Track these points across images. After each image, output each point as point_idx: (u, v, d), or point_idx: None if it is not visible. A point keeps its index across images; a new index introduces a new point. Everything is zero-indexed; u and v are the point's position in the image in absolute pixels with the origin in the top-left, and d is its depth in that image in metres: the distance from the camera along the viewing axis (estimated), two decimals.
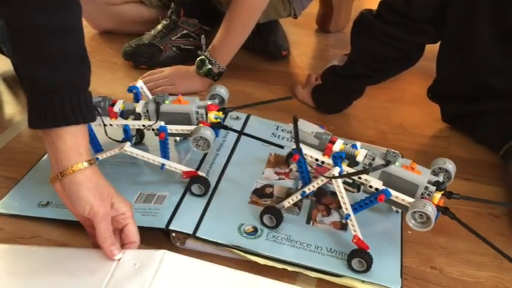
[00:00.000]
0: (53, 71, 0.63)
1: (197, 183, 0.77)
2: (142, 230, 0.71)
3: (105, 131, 0.79)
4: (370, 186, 0.67)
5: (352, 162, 0.70)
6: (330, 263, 0.70)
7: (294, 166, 0.81)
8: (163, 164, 0.77)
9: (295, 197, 0.73)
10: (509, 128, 0.88)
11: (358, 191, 0.79)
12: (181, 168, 0.78)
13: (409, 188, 0.66)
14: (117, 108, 0.79)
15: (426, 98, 1.09)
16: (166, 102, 0.77)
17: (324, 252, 0.71)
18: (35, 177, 0.84)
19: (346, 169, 0.69)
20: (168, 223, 0.72)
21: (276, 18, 1.22)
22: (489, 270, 0.72)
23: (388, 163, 0.66)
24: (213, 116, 0.77)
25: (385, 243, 0.73)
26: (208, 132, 0.74)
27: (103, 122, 0.78)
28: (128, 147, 0.78)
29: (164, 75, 1.07)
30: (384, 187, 0.67)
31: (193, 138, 0.74)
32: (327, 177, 0.69)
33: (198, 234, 0.71)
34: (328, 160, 0.70)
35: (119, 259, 0.64)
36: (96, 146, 0.82)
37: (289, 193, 0.81)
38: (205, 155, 0.86)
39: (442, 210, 0.64)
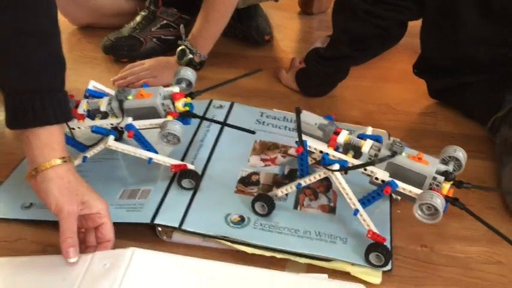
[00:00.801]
0: (24, 72, 0.63)
1: (187, 178, 0.75)
2: (128, 226, 0.71)
3: (72, 134, 0.76)
4: (376, 178, 0.66)
5: (358, 154, 0.68)
6: (319, 247, 0.69)
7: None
8: (150, 158, 0.75)
9: (290, 188, 0.71)
10: (494, 99, 0.87)
11: (346, 173, 0.78)
12: (169, 161, 0.76)
13: (416, 179, 0.64)
14: (81, 109, 0.76)
15: (412, 75, 1.07)
16: (129, 97, 0.74)
17: (312, 237, 0.70)
18: (17, 179, 0.82)
19: (351, 160, 0.67)
20: (154, 217, 0.71)
21: (256, 3, 1.20)
22: (480, 245, 0.71)
23: (394, 154, 0.64)
24: (180, 104, 0.74)
25: (374, 223, 0.72)
26: (176, 127, 0.71)
27: (68, 126, 0.75)
28: (111, 142, 0.75)
29: (145, 68, 1.05)
30: (390, 179, 0.65)
31: (161, 135, 0.72)
32: (330, 169, 0.66)
33: (184, 227, 0.70)
34: (333, 152, 0.68)
35: (90, 261, 0.62)
36: (79, 146, 0.80)
37: (275, 180, 0.80)
38: (189, 146, 0.85)
39: (451, 201, 0.62)
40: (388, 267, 0.67)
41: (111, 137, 0.75)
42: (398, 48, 0.99)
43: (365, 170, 0.66)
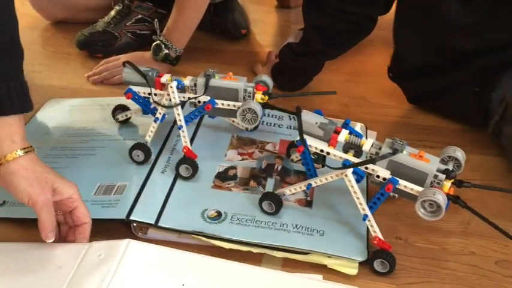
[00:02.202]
0: None
1: (186, 165, 0.77)
2: (103, 222, 0.70)
3: (152, 99, 0.80)
4: (378, 176, 0.65)
5: (358, 152, 0.68)
6: (296, 240, 0.69)
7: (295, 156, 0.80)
8: (181, 126, 0.78)
9: (299, 187, 0.71)
10: (478, 100, 0.86)
11: (323, 166, 0.78)
12: (187, 141, 0.78)
13: (418, 177, 0.64)
14: (164, 79, 0.79)
15: (385, 68, 1.08)
16: (216, 77, 0.77)
17: (289, 229, 0.70)
18: None
19: (353, 159, 0.67)
20: (129, 214, 0.70)
21: None
22: (454, 237, 0.72)
23: (395, 152, 0.64)
24: (259, 96, 0.76)
25: (351, 216, 0.72)
26: (257, 106, 0.74)
27: (151, 91, 0.79)
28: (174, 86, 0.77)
29: (120, 63, 1.04)
30: (391, 176, 0.65)
31: (241, 109, 0.74)
32: (335, 168, 0.67)
33: (160, 223, 0.70)
34: (334, 151, 0.68)
35: (86, 251, 0.64)
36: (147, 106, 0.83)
37: (252, 173, 0.80)
38: (165, 142, 0.84)
39: (452, 199, 0.62)
40: (364, 258, 0.67)
41: (175, 82, 0.77)
42: (372, 42, 1.00)
43: (366, 168, 0.66)
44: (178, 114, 0.78)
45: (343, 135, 0.68)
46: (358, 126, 0.71)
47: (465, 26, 0.83)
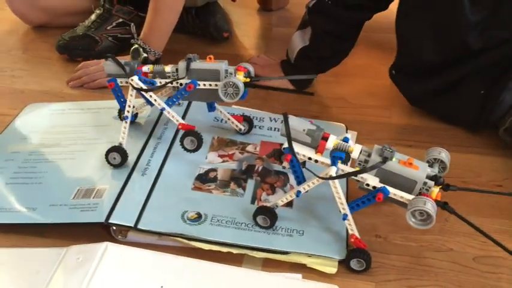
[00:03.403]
0: None
1: (190, 136, 0.78)
2: (82, 226, 0.70)
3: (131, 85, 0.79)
4: (367, 185, 0.65)
5: (347, 159, 0.67)
6: (276, 241, 0.69)
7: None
8: (163, 108, 0.79)
9: (289, 196, 0.70)
10: (487, 99, 0.86)
11: (303, 167, 0.79)
12: (178, 119, 0.79)
13: (407, 184, 0.64)
14: (146, 68, 0.80)
15: (367, 69, 1.10)
16: (197, 61, 0.80)
17: (269, 231, 0.71)
18: None
19: (342, 167, 0.66)
20: (108, 217, 0.70)
21: (214, 0, 1.19)
22: (432, 234, 0.73)
23: (385, 160, 0.63)
24: (241, 76, 0.77)
25: (331, 215, 0.73)
26: (239, 82, 0.75)
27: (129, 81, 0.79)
28: (136, 79, 0.78)
29: (100, 67, 1.04)
30: (382, 185, 0.64)
31: (223, 84, 0.75)
32: (323, 178, 0.65)
33: (139, 226, 0.70)
34: (322, 158, 0.67)
35: (64, 255, 0.63)
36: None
37: (233, 175, 0.80)
38: (146, 143, 0.84)
39: (441, 205, 0.63)
40: (343, 256, 0.68)
41: (136, 76, 0.78)
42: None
43: (355, 176, 0.65)
44: (155, 100, 0.79)
45: (332, 142, 0.67)
46: (353, 136, 0.71)
47: (474, 23, 0.82)
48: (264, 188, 0.78)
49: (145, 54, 1.02)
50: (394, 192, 0.64)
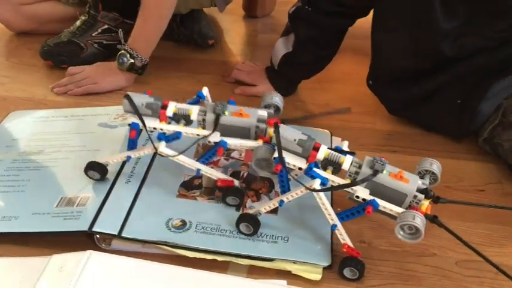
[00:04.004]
0: None
1: (231, 196, 0.75)
2: (66, 234, 0.70)
3: (149, 135, 0.73)
4: (357, 197, 0.64)
5: (337, 169, 0.67)
6: (261, 248, 0.69)
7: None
8: (199, 170, 0.75)
9: (272, 204, 0.70)
10: (464, 108, 0.87)
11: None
12: (217, 175, 0.76)
13: (397, 197, 0.64)
14: (170, 112, 0.73)
15: (351, 75, 1.10)
16: (226, 113, 0.71)
17: (254, 238, 0.71)
18: None
19: (332, 177, 0.66)
20: (91, 225, 0.70)
21: (198, 8, 1.20)
22: None
23: (376, 173, 0.63)
24: (272, 130, 0.71)
25: (316, 222, 0.73)
26: (269, 152, 0.68)
27: (157, 126, 0.73)
28: (164, 149, 0.72)
29: (85, 75, 1.03)
30: (372, 197, 0.64)
31: (255, 160, 0.69)
32: (308, 189, 0.65)
33: (123, 234, 0.69)
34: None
35: (47, 264, 0.63)
36: (133, 145, 0.77)
37: None
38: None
39: (430, 218, 0.63)
40: (328, 263, 0.68)
41: (163, 143, 0.72)
42: (338, 49, 1.01)
43: (346, 188, 0.65)
44: (189, 164, 0.74)
45: (322, 153, 0.67)
46: (345, 145, 0.72)
47: (447, 33, 0.83)
48: (249, 195, 0.78)
49: (132, 60, 1.02)
50: (383, 205, 0.64)
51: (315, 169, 0.67)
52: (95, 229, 0.69)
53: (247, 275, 0.68)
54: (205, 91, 0.79)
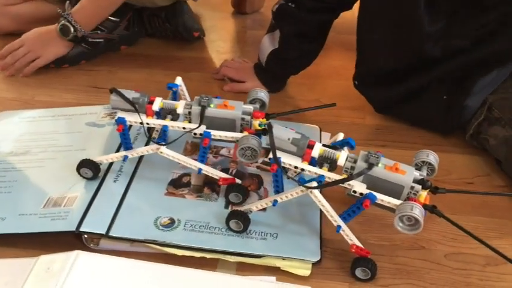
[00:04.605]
0: None
1: (234, 192, 0.74)
2: (54, 235, 0.69)
3: (145, 131, 0.79)
4: (354, 192, 0.64)
5: (333, 166, 0.67)
6: (250, 244, 0.69)
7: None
8: (200, 169, 0.75)
9: (265, 203, 0.70)
10: (451, 104, 0.87)
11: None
12: (218, 174, 0.76)
13: (394, 189, 0.64)
14: (156, 106, 0.74)
15: (340, 70, 1.10)
16: (212, 106, 0.73)
17: (243, 235, 0.71)
18: None
19: (328, 174, 0.66)
20: (79, 225, 0.69)
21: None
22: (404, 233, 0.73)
23: (371, 166, 0.63)
24: (257, 123, 0.73)
25: (304, 218, 0.73)
26: (256, 142, 0.68)
27: (141, 120, 0.74)
28: (164, 150, 0.73)
29: (27, 49, 1.04)
30: (368, 191, 0.64)
31: (240, 148, 0.69)
32: (307, 187, 0.65)
33: (111, 233, 0.69)
34: (308, 167, 0.67)
35: (34, 265, 0.62)
36: (128, 143, 0.78)
37: (207, 180, 0.79)
38: (118, 149, 0.83)
39: (429, 209, 0.63)
40: (317, 258, 0.68)
41: (164, 147, 0.74)
42: (327, 45, 1.01)
43: (342, 183, 0.65)
44: (190, 164, 0.75)
45: (317, 150, 0.67)
46: (340, 136, 0.71)
47: (432, 33, 0.83)
48: None
49: (74, 33, 1.05)
50: (381, 198, 0.64)
51: (308, 170, 0.67)
52: (82, 229, 0.69)
53: (237, 272, 0.68)
54: (178, 80, 0.81)
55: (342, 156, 0.66)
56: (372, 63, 0.93)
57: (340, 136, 0.72)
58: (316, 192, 0.65)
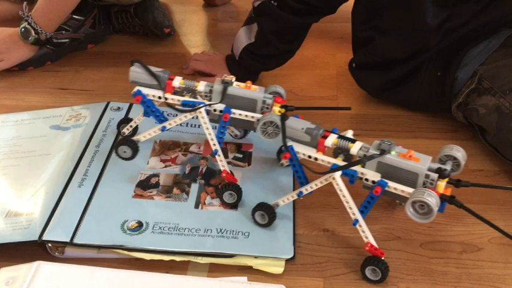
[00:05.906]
0: None
1: (229, 191, 0.72)
2: (17, 246, 0.66)
3: (167, 103, 0.75)
4: (367, 180, 0.63)
5: (347, 156, 0.66)
6: (221, 244, 0.67)
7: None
8: (216, 150, 0.74)
9: (291, 197, 0.68)
10: (441, 82, 0.86)
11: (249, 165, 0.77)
12: (225, 165, 0.74)
13: (409, 178, 0.61)
14: (177, 83, 0.75)
15: (314, 60, 1.08)
16: (234, 85, 0.73)
17: (214, 235, 0.68)
18: None
19: (342, 163, 0.65)
20: (42, 234, 0.66)
21: None
22: (380, 223, 0.72)
23: (382, 152, 0.62)
24: (277, 109, 0.72)
25: (277, 214, 0.71)
26: (276, 118, 0.68)
27: (164, 95, 0.75)
28: (204, 113, 0.73)
29: None
30: (379, 178, 0.62)
31: (263, 122, 0.68)
32: (319, 173, 0.64)
33: (76, 240, 0.66)
34: (322, 156, 0.66)
35: None
36: (161, 115, 0.78)
37: (176, 180, 0.77)
38: (83, 152, 0.80)
39: (447, 199, 0.60)
40: (290, 255, 0.66)
41: (203, 110, 0.73)
42: None
43: (352, 167, 0.64)
44: (212, 139, 0.73)
45: (331, 140, 0.66)
46: (349, 133, 0.69)
47: (434, 28, 0.83)
48: (208, 191, 0.75)
49: (36, 35, 1.02)
50: (394, 186, 0.62)
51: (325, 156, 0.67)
52: (45, 238, 0.66)
53: (209, 274, 0.66)
54: None
55: (356, 146, 0.65)
56: (377, 51, 0.91)
57: (349, 133, 0.70)
58: (338, 179, 0.64)
